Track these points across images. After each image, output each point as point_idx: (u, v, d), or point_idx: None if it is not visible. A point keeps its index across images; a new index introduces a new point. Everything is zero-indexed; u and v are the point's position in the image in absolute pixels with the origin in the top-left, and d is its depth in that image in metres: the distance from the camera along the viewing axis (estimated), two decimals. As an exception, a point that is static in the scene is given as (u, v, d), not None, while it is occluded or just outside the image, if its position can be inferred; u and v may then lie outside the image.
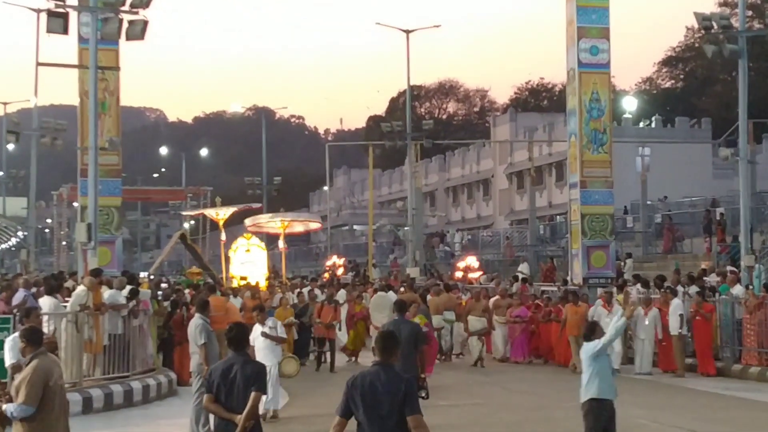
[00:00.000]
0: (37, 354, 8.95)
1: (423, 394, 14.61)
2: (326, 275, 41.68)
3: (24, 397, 8.63)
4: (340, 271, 44.60)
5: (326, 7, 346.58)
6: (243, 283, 32.60)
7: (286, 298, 25.59)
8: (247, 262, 36.78)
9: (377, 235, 57.78)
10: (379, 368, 7.71)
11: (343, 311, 26.21)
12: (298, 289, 28.85)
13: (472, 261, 39.99)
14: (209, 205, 59.07)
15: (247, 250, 37.22)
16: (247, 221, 40.06)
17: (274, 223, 40.05)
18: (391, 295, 25.10)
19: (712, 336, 22.32)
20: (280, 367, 16.65)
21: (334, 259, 48.22)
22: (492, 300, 26.42)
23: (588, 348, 11.23)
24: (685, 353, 22.26)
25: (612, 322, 11.68)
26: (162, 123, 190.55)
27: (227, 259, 37.35)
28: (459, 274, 37.83)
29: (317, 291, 28.49)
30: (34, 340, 9.13)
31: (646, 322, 22.18)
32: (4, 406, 8.85)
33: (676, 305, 22.07)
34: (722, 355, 22.50)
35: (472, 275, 37.55)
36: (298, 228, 45.06)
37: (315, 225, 48.10)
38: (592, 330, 11.47)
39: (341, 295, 27.50)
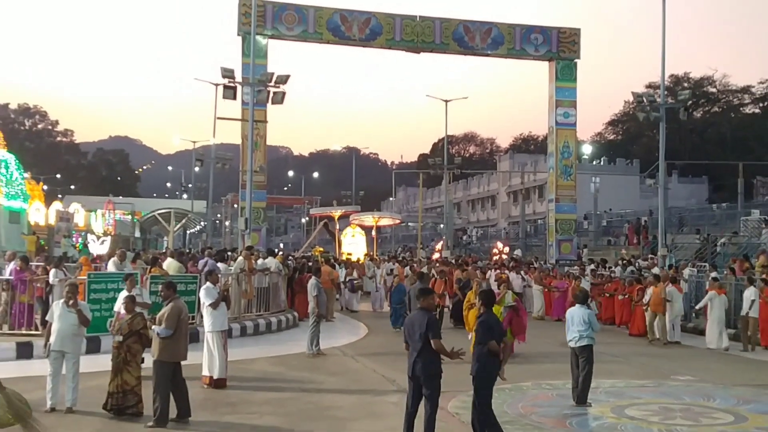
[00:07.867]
0: (173, 299, 9.02)
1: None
2: (435, 256, 37.17)
3: (166, 323, 8.73)
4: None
5: (394, 84, 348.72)
6: (349, 257, 32.55)
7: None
8: (352, 244, 36.77)
9: (423, 229, 57.52)
10: (419, 311, 7.69)
11: None
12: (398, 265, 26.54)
13: (503, 246, 37.72)
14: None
15: (353, 236, 37.26)
16: (352, 217, 39.48)
17: (368, 218, 39.91)
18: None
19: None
20: None
21: (440, 244, 41.24)
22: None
23: (582, 312, 10.02)
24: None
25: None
26: (289, 156, 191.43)
27: (339, 241, 37.44)
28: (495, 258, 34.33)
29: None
30: (171, 290, 9.17)
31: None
32: (153, 327, 8.89)
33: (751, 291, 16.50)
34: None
35: (504, 256, 34.71)
36: (388, 221, 44.73)
37: (397, 220, 47.92)
38: (585, 297, 10.52)
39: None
